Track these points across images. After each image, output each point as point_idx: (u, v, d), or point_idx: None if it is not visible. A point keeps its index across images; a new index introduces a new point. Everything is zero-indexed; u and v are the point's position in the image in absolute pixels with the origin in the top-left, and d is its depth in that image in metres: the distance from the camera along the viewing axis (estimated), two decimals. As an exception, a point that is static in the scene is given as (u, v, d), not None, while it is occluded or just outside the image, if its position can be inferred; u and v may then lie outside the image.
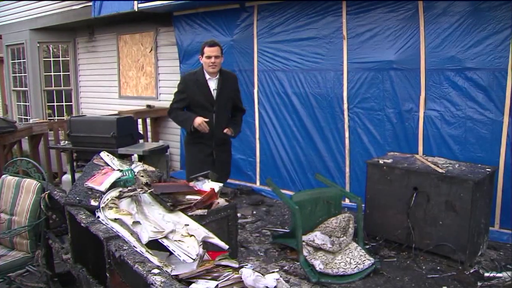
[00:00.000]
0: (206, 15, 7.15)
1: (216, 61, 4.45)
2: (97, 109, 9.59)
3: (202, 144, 4.62)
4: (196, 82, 4.54)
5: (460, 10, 4.93)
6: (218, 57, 4.45)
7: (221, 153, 4.74)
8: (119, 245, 2.28)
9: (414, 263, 4.31)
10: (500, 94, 4.79)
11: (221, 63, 4.55)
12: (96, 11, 7.84)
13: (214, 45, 4.46)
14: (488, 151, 4.91)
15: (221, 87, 4.56)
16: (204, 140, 4.60)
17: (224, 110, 4.67)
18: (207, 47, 4.43)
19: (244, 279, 2.35)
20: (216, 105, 4.57)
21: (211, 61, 4.42)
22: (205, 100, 4.55)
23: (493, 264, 4.27)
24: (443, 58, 5.09)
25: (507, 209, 4.87)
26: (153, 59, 8.47)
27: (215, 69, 4.49)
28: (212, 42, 4.50)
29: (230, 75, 4.76)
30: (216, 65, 4.48)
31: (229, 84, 4.67)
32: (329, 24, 5.87)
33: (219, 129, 4.58)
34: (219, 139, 4.65)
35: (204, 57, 4.45)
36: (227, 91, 4.63)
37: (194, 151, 4.69)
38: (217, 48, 4.45)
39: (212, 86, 4.55)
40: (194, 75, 4.62)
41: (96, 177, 3.14)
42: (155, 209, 2.92)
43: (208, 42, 4.49)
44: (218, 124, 4.59)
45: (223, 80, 4.59)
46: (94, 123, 5.95)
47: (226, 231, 3.17)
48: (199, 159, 4.61)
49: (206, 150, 4.64)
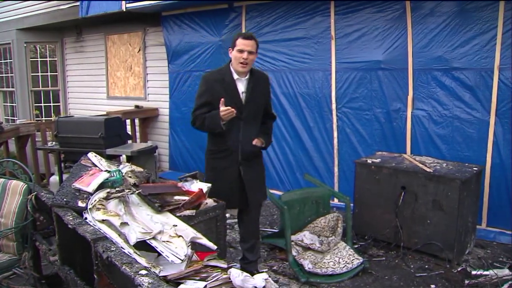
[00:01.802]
0: (195, 15, 7.14)
1: (249, 58, 3.59)
2: (85, 110, 9.53)
3: (226, 159, 3.75)
4: (221, 82, 3.66)
5: (447, 10, 4.98)
6: (252, 53, 3.60)
7: (250, 169, 3.78)
8: (107, 246, 2.26)
9: (403, 262, 4.33)
10: (487, 93, 4.83)
11: (253, 62, 3.70)
12: (84, 11, 7.80)
13: (250, 38, 3.61)
14: (475, 150, 4.95)
15: (252, 90, 3.69)
16: (228, 153, 3.73)
17: (254, 118, 3.75)
18: (241, 39, 3.59)
19: (232, 280, 2.35)
20: (245, 112, 3.66)
21: (243, 56, 3.55)
22: (232, 104, 3.56)
23: (480, 262, 4.30)
24: (430, 58, 5.13)
25: (494, 208, 4.92)
26: (142, 59, 8.44)
27: (245, 68, 3.62)
28: (248, 34, 3.67)
29: (262, 76, 3.88)
30: (248, 63, 3.62)
31: (261, 86, 3.79)
32: (318, 24, 5.89)
33: (247, 141, 3.71)
34: (247, 152, 3.74)
35: (235, 50, 3.59)
36: (258, 95, 3.74)
37: (216, 167, 3.81)
38: (252, 42, 3.61)
39: (241, 88, 3.67)
40: (219, 73, 3.75)
41: (83, 178, 3.12)
42: (143, 210, 2.91)
43: (242, 34, 3.66)
44: (247, 134, 3.70)
45: (254, 82, 3.72)
46: (82, 124, 5.92)
47: (215, 231, 3.16)
48: (224, 178, 3.75)
49: (231, 166, 3.75)
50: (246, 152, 3.73)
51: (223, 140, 3.70)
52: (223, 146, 3.73)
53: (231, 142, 3.69)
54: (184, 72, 7.42)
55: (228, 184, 3.71)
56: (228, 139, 3.68)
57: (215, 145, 3.79)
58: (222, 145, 3.73)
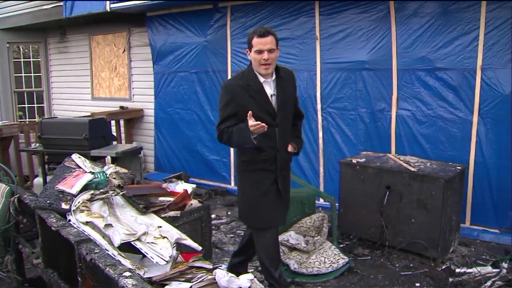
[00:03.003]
0: (179, 15, 7.12)
1: (271, 57, 3.13)
2: (70, 111, 9.46)
3: (263, 171, 3.28)
4: (247, 89, 3.19)
5: (430, 11, 5.02)
6: (272, 51, 3.13)
7: (286, 178, 3.42)
8: (90, 249, 2.25)
9: (388, 261, 4.37)
10: (469, 93, 4.89)
11: (276, 60, 3.23)
12: (68, 11, 7.73)
13: (266, 34, 3.12)
14: (459, 150, 5.00)
15: (281, 90, 3.25)
16: (266, 164, 3.27)
17: (287, 121, 3.35)
18: (257, 37, 3.11)
19: (217, 280, 2.35)
20: (279, 117, 3.24)
21: (264, 57, 3.10)
22: (263, 111, 3.17)
23: (464, 260, 4.35)
24: (414, 59, 5.17)
25: (477, 206, 4.98)
26: (126, 60, 8.39)
27: (269, 69, 3.17)
28: (263, 30, 3.14)
29: (289, 73, 3.41)
30: (271, 63, 3.16)
31: (289, 84, 3.35)
32: (302, 25, 5.90)
33: (283, 148, 3.30)
34: (284, 161, 3.34)
35: (253, 52, 3.14)
36: (288, 96, 3.31)
37: (253, 180, 3.33)
38: (270, 38, 3.12)
39: (269, 92, 3.23)
40: (242, 78, 3.26)
41: (67, 179, 3.10)
42: (127, 211, 2.89)
43: (257, 31, 3.14)
44: (283, 141, 3.29)
45: (282, 81, 3.28)
46: (66, 125, 5.86)
47: (200, 232, 3.16)
48: (263, 192, 3.29)
49: (269, 178, 3.29)
50: (283, 161, 3.32)
51: (259, 148, 3.20)
52: (258, 156, 3.24)
53: (267, 151, 3.23)
54: (169, 73, 7.40)
55: (270, 199, 3.29)
56: (264, 148, 3.21)
57: (248, 155, 3.29)
58: (257, 155, 3.24)
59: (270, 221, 3.31)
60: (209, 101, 6.96)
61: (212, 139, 6.98)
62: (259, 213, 3.29)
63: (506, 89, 4.68)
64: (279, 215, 3.38)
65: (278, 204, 3.33)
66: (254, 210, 3.31)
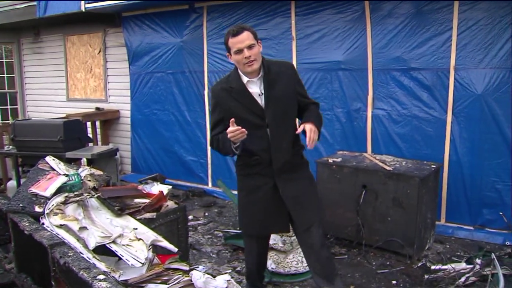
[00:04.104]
0: (155, 16, 7.07)
1: (252, 53, 2.85)
2: (45, 112, 9.33)
3: (257, 175, 3.05)
4: (230, 92, 3.00)
5: (405, 12, 5.08)
6: (252, 47, 2.86)
7: (291, 183, 3.05)
8: (64, 252, 2.23)
9: (365, 260, 4.40)
10: (443, 93, 4.96)
11: (260, 54, 2.94)
12: (41, 11, 7.61)
13: (240, 31, 2.87)
14: (433, 148, 5.07)
15: (269, 87, 2.97)
16: (259, 168, 3.03)
17: (282, 119, 3.01)
18: (231, 37, 2.88)
19: (194, 282, 2.35)
20: (269, 116, 2.96)
21: (245, 55, 2.84)
22: (249, 113, 2.96)
23: (439, 257, 4.41)
24: (389, 59, 5.23)
25: (452, 204, 5.05)
26: (102, 61, 8.30)
27: (253, 66, 2.89)
28: (236, 28, 2.89)
29: (280, 66, 3.08)
30: (254, 60, 2.88)
31: (283, 79, 3.02)
32: (278, 25, 5.92)
33: (279, 149, 2.99)
34: (283, 163, 3.02)
35: (233, 53, 2.89)
36: (281, 91, 2.99)
37: (247, 186, 3.13)
38: (246, 34, 2.86)
39: (255, 91, 2.98)
40: (226, 81, 3.08)
41: (40, 182, 3.06)
42: (102, 213, 2.87)
43: (230, 31, 2.90)
44: (277, 142, 2.99)
45: (271, 76, 2.99)
46: (40, 127, 5.79)
47: (176, 233, 3.16)
48: (256, 199, 3.07)
49: (265, 184, 3.04)
50: (280, 163, 3.01)
51: (251, 152, 3.00)
52: (251, 160, 3.03)
53: (259, 154, 3.00)
54: (145, 74, 7.34)
55: (262, 205, 3.06)
56: (256, 151, 2.99)
57: (242, 159, 3.09)
58: (249, 157, 3.02)
59: (250, 228, 3.17)
60: (185, 102, 6.93)
61: (189, 140, 6.96)
62: (243, 218, 3.17)
63: (478, 88, 4.76)
64: (272, 223, 3.10)
65: (274, 211, 3.04)
66: (240, 213, 3.19)
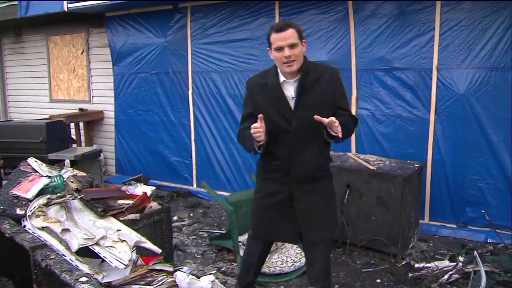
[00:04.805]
0: (139, 16, 7.03)
1: (293, 53, 2.68)
2: (27, 114, 9.24)
3: (276, 180, 2.91)
4: (264, 88, 2.87)
5: (388, 12, 5.11)
6: (294, 46, 2.69)
7: (307, 195, 2.87)
8: (46, 255, 2.21)
9: (349, 259, 4.42)
10: (426, 92, 5.00)
11: (302, 54, 2.76)
12: (23, 11, 7.52)
13: (285, 27, 2.69)
14: (417, 148, 5.11)
15: (302, 92, 2.77)
16: (278, 174, 2.88)
17: (310, 128, 2.75)
18: (274, 33, 2.72)
19: (178, 283, 2.34)
20: (296, 122, 2.77)
21: (285, 54, 2.68)
22: (278, 114, 2.79)
23: (423, 255, 4.45)
24: (372, 59, 5.26)
25: (435, 202, 5.10)
26: (85, 61, 8.23)
27: (292, 67, 2.72)
28: (281, 24, 2.73)
29: (322, 72, 2.87)
30: (295, 60, 2.71)
31: (320, 86, 2.81)
32: (263, 25, 5.91)
33: (300, 158, 2.82)
34: (304, 174, 2.84)
35: (273, 49, 2.74)
36: (315, 98, 2.77)
37: (263, 191, 3.01)
38: (291, 32, 2.69)
39: (289, 93, 2.80)
40: (263, 76, 2.94)
41: (22, 184, 3.03)
42: (85, 215, 2.85)
43: (274, 26, 2.74)
44: (299, 151, 2.81)
45: (308, 81, 2.79)
46: (22, 128, 5.75)
47: (160, 235, 3.14)
48: (270, 204, 2.95)
49: (281, 192, 2.89)
50: (299, 173, 2.84)
51: (272, 156, 2.88)
52: (271, 164, 2.90)
53: (279, 160, 2.86)
54: (129, 74, 7.29)
55: (274, 212, 2.94)
56: (276, 156, 2.86)
57: (263, 161, 2.97)
58: (270, 161, 2.91)
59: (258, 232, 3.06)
60: (170, 102, 6.90)
61: (173, 140, 6.93)
62: (253, 220, 3.08)
63: (460, 88, 4.81)
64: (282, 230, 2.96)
65: (285, 220, 2.92)
66: (252, 215, 3.10)
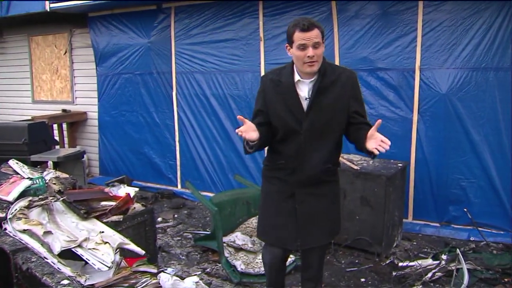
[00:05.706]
0: (123, 16, 6.99)
1: (316, 54, 2.56)
2: (9, 115, 9.11)
3: (280, 180, 2.85)
4: (277, 85, 2.77)
5: (371, 13, 5.15)
6: (318, 46, 2.57)
7: (310, 198, 2.81)
8: (27, 257, 2.19)
9: (334, 258, 4.44)
10: (409, 93, 5.04)
11: (322, 55, 2.65)
12: (4, 11, 7.42)
13: (311, 27, 2.55)
14: (400, 147, 5.14)
15: (317, 94, 2.67)
16: (284, 174, 2.82)
17: (321, 131, 2.71)
18: (299, 31, 2.56)
19: (162, 284, 2.33)
20: (307, 124, 2.69)
21: (308, 53, 2.55)
22: (289, 114, 2.71)
23: (407, 254, 4.49)
24: (356, 59, 5.28)
25: (419, 202, 5.14)
26: (68, 62, 8.15)
27: (314, 67, 2.61)
28: (307, 23, 2.55)
29: (339, 75, 2.72)
30: (316, 61, 2.59)
31: (336, 88, 2.69)
32: (246, 26, 5.92)
33: (307, 161, 2.73)
34: (309, 177, 2.77)
35: (295, 47, 2.60)
36: (329, 101, 2.68)
37: (266, 190, 2.99)
38: (316, 32, 2.56)
39: (303, 93, 2.70)
40: (277, 74, 2.81)
41: (3, 186, 3.01)
42: (68, 217, 2.83)
43: (299, 24, 2.56)
44: (308, 153, 2.73)
45: (324, 83, 2.67)
46: (3, 130, 5.69)
47: (144, 236, 3.13)
48: (275, 205, 2.89)
49: (284, 192, 2.84)
50: (304, 176, 2.77)
51: (278, 155, 2.82)
52: (277, 164, 2.84)
53: (285, 159, 2.79)
54: (112, 75, 7.24)
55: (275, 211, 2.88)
56: (283, 156, 2.80)
57: (270, 159, 2.92)
58: (276, 160, 2.84)
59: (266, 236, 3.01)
60: (154, 103, 6.86)
61: (158, 141, 6.90)
62: (260, 222, 3.03)
63: (443, 88, 4.85)
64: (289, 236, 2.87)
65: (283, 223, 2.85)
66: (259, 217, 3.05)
